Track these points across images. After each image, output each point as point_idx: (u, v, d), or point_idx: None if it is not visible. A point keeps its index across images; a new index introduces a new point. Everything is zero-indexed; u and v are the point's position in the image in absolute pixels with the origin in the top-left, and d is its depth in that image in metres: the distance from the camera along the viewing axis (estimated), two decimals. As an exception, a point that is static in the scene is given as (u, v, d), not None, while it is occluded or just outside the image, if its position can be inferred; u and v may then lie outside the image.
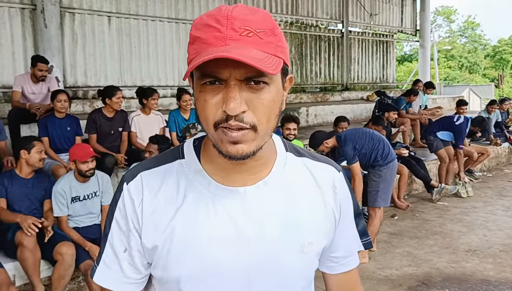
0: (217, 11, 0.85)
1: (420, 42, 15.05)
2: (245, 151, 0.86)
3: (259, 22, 0.84)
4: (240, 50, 0.80)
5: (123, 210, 0.98)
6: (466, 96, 17.02)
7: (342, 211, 1.07)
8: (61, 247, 3.85)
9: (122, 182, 1.00)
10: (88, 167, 4.21)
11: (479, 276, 4.53)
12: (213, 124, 0.85)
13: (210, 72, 0.83)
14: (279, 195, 0.99)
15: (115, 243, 0.99)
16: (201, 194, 0.96)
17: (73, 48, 7.97)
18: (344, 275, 1.14)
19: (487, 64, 45.41)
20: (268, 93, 0.86)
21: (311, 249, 1.01)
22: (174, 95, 9.36)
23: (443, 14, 49.77)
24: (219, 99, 0.84)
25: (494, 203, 7.13)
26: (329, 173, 1.07)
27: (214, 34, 0.83)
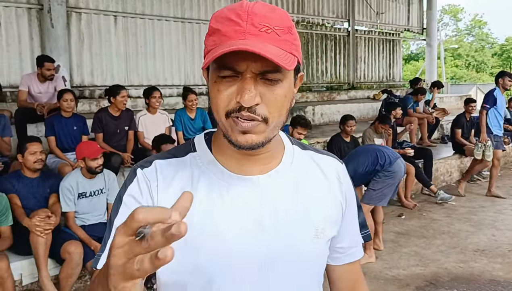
0: (239, 6, 0.87)
1: (427, 41, 14.97)
2: (254, 141, 0.89)
3: (278, 20, 0.87)
4: (259, 45, 0.83)
5: (135, 193, 0.97)
6: (474, 95, 16.90)
7: (348, 201, 1.10)
8: (69, 246, 3.86)
9: (135, 169, 1.01)
10: (98, 163, 4.26)
11: (488, 276, 4.50)
12: (225, 113, 0.88)
13: (227, 64, 0.85)
14: (290, 184, 1.02)
15: None
16: (215, 183, 0.98)
17: (79, 48, 7.99)
18: (348, 266, 1.16)
19: (495, 63, 45.10)
20: (281, 89, 0.89)
21: (324, 235, 1.04)
22: (180, 95, 9.34)
23: (450, 12, 49.52)
24: (234, 91, 0.87)
25: (503, 202, 7.07)
26: (334, 165, 1.11)
27: (234, 28, 0.85)
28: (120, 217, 0.96)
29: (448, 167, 8.36)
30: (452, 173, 8.45)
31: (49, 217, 3.87)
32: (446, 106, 11.87)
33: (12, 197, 4.05)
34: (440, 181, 8.04)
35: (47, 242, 3.83)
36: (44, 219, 3.84)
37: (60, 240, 3.92)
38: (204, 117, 6.41)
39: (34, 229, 3.78)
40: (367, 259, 4.82)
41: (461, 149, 8.53)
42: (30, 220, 3.83)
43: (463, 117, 8.58)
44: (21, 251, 4.00)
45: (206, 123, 6.39)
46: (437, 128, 10.06)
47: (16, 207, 4.01)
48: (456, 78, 39.78)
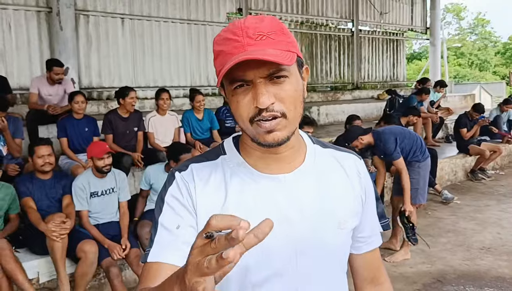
0: (232, 25, 0.99)
1: (431, 40, 15.02)
2: (280, 137, 0.99)
3: (268, 26, 0.98)
4: (258, 52, 0.93)
5: (176, 193, 1.08)
6: (477, 94, 16.93)
7: (367, 194, 1.21)
8: (84, 245, 3.94)
9: (173, 172, 1.11)
10: (105, 163, 4.33)
11: (494, 274, 4.57)
12: (249, 120, 0.99)
13: (237, 77, 0.97)
14: (313, 181, 1.12)
15: (168, 223, 1.05)
16: (246, 182, 1.08)
17: (87, 50, 8.09)
18: (369, 254, 1.26)
19: (498, 62, 44.97)
20: (290, 84, 0.99)
21: (346, 225, 1.14)
22: (186, 96, 9.43)
23: (453, 11, 49.40)
24: (250, 98, 0.98)
25: (507, 201, 7.13)
26: (353, 161, 1.22)
27: (233, 45, 0.96)
28: (164, 215, 1.07)
29: (453, 166, 8.42)
30: (457, 172, 8.51)
31: (64, 222, 3.93)
32: (450, 105, 11.93)
33: (27, 200, 4.13)
34: (445, 180, 8.10)
35: (63, 245, 3.90)
36: (60, 224, 3.90)
37: (76, 239, 4.00)
38: (212, 118, 6.49)
39: (50, 234, 3.84)
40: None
41: (465, 148, 8.59)
42: (46, 224, 3.88)
43: (465, 117, 8.64)
44: (38, 251, 4.08)
45: (213, 124, 6.47)
46: (442, 128, 10.12)
47: (31, 210, 4.07)
48: (459, 77, 39.70)
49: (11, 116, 5.22)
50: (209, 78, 9.93)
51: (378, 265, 1.30)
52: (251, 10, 10.48)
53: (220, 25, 9.99)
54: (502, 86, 22.84)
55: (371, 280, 1.29)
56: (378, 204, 1.27)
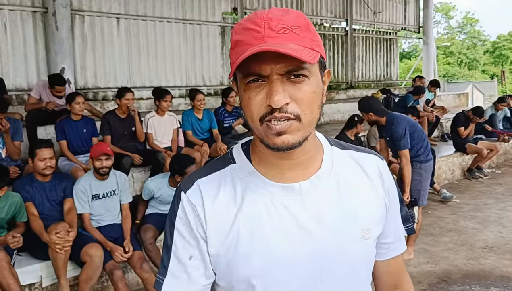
0: (255, 15, 0.91)
1: (424, 39, 15.08)
2: (290, 141, 0.90)
3: (293, 20, 0.90)
4: (278, 45, 0.85)
5: (184, 218, 1.01)
6: (470, 93, 17.03)
7: (391, 197, 1.11)
8: (89, 249, 3.88)
9: (179, 192, 1.03)
10: (102, 165, 4.26)
11: (499, 273, 4.57)
12: (259, 119, 0.90)
13: (252, 70, 0.88)
14: (332, 187, 1.03)
15: (180, 252, 1.01)
16: (259, 194, 0.99)
17: (83, 50, 8.01)
18: (392, 260, 1.17)
19: (487, 60, 45.38)
20: (309, 86, 0.90)
21: (370, 235, 1.05)
22: (182, 96, 9.43)
23: (442, 10, 49.74)
24: (263, 95, 0.89)
25: (506, 200, 7.17)
26: (375, 162, 1.11)
27: (253, 35, 0.88)
28: (176, 244, 1.02)
29: (450, 165, 8.44)
30: (454, 171, 8.54)
31: (68, 233, 3.83)
32: (444, 104, 11.98)
33: (28, 206, 4.02)
34: (442, 179, 8.12)
35: (66, 255, 3.83)
36: (63, 235, 3.80)
37: (80, 243, 3.93)
38: (211, 118, 6.44)
39: (53, 246, 3.76)
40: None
41: (462, 146, 8.63)
42: (49, 235, 3.78)
43: (464, 115, 8.68)
44: (40, 256, 4.00)
45: (213, 124, 6.43)
46: (437, 127, 10.16)
47: (33, 218, 3.97)
48: (449, 76, 39.98)
49: (11, 117, 5.14)
50: (204, 78, 9.89)
51: (402, 271, 1.21)
52: (246, 9, 10.45)
53: (215, 25, 9.95)
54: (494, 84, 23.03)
55: (394, 286, 1.21)
56: (402, 207, 1.17)
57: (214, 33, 9.98)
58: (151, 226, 4.55)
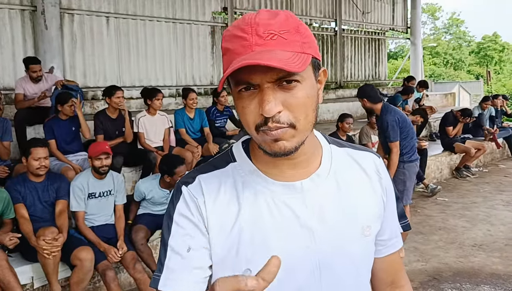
0: (242, 20, 0.90)
1: (411, 40, 15.19)
2: (287, 147, 0.90)
3: (282, 23, 0.88)
4: (265, 54, 0.84)
5: (185, 211, 0.99)
6: (457, 93, 17.21)
7: (388, 194, 1.12)
8: (80, 252, 3.82)
9: (179, 186, 1.02)
10: (102, 163, 4.25)
11: (488, 270, 4.63)
12: (255, 127, 0.90)
13: (242, 79, 0.87)
14: (332, 185, 1.03)
15: (178, 245, 0.98)
16: (260, 192, 0.99)
17: (72, 49, 7.95)
18: (390, 257, 1.17)
19: (472, 61, 45.84)
20: (301, 91, 0.89)
21: (370, 232, 1.06)
22: (172, 95, 9.40)
23: (428, 11, 50.14)
24: (256, 104, 0.88)
25: (494, 198, 7.26)
26: (372, 160, 1.12)
27: (241, 43, 0.87)
28: (173, 237, 0.98)
29: (439, 164, 8.53)
30: (443, 170, 8.63)
31: (56, 239, 3.76)
32: (431, 104, 12.07)
33: (19, 207, 3.95)
34: (431, 177, 8.20)
35: (55, 260, 3.78)
36: (52, 240, 3.74)
37: (71, 246, 3.87)
38: (203, 117, 6.44)
39: (41, 251, 3.71)
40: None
41: (450, 146, 8.72)
42: (37, 240, 3.72)
43: (452, 115, 8.78)
44: (30, 257, 3.95)
45: (203, 123, 6.42)
46: (425, 126, 10.24)
47: (23, 220, 3.90)
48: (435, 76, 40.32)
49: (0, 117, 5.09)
50: (194, 77, 9.87)
51: (399, 268, 1.21)
52: (236, 9, 10.45)
53: (205, 24, 9.93)
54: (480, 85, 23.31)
55: (391, 283, 1.20)
56: (398, 204, 1.17)
57: (204, 33, 9.96)
58: (143, 226, 4.54)
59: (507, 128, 10.44)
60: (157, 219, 4.59)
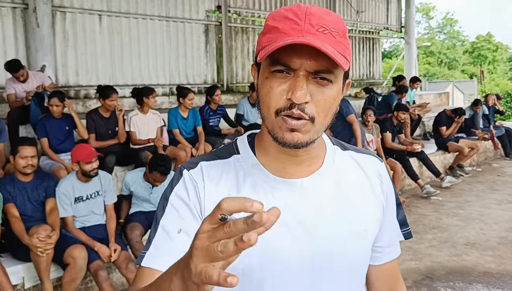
0: (296, 6, 0.90)
1: (406, 39, 15.21)
2: (300, 139, 0.90)
3: (334, 22, 0.90)
4: (317, 42, 0.84)
5: (182, 194, 0.99)
6: (450, 92, 17.27)
7: (388, 199, 1.11)
8: (73, 251, 3.79)
9: (180, 170, 1.02)
10: (92, 167, 4.21)
11: (481, 269, 4.64)
12: (275, 111, 0.90)
13: (283, 59, 0.87)
14: (333, 186, 1.03)
15: (169, 225, 0.96)
16: (260, 187, 0.99)
17: (64, 48, 7.88)
18: (387, 265, 1.15)
19: (466, 60, 46.04)
20: (331, 91, 0.90)
21: (368, 234, 1.05)
22: (166, 94, 9.35)
23: (422, 10, 50.29)
24: (285, 88, 0.89)
25: (487, 197, 7.28)
26: (374, 164, 1.12)
27: (292, 26, 0.88)
28: (166, 217, 0.98)
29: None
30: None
31: (50, 236, 3.73)
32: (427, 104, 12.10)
33: (9, 207, 3.89)
34: (425, 176, 8.21)
35: (48, 258, 3.75)
36: (45, 238, 3.71)
37: (63, 245, 3.84)
38: (196, 117, 6.41)
39: (35, 250, 3.68)
40: None
41: (444, 145, 8.75)
42: (30, 238, 3.68)
43: (445, 115, 8.80)
44: (22, 257, 3.92)
45: (197, 122, 6.40)
46: (419, 125, 10.27)
47: (14, 220, 3.84)
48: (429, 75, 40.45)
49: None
50: (188, 76, 9.82)
51: (396, 277, 1.19)
52: (230, 7, 10.41)
53: (199, 23, 9.89)
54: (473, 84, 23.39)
55: None
56: (399, 211, 1.16)
57: (198, 31, 9.92)
58: (138, 224, 4.51)
59: (500, 127, 10.49)
60: (150, 217, 4.57)
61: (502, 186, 7.96)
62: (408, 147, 7.57)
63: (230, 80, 10.45)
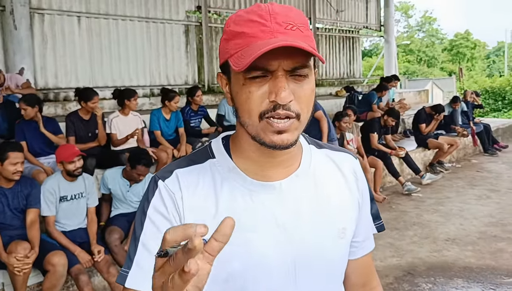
0: (257, 7, 0.89)
1: (385, 38, 15.35)
2: (290, 140, 0.90)
3: (298, 17, 0.90)
4: (292, 41, 0.84)
5: (160, 208, 0.96)
6: (430, 90, 17.47)
7: (363, 196, 1.12)
8: (52, 257, 3.73)
9: (155, 180, 0.99)
10: (76, 166, 4.17)
11: (461, 264, 4.71)
12: (259, 115, 0.88)
13: (259, 64, 0.86)
14: (310, 186, 1.03)
15: (150, 243, 0.95)
16: (238, 191, 0.97)
17: (43, 50, 7.77)
18: (362, 259, 1.17)
19: (445, 58, 46.65)
20: (308, 84, 0.90)
21: (345, 234, 1.06)
22: (146, 95, 9.29)
23: (401, 9, 50.80)
24: (265, 90, 0.87)
25: (466, 193, 7.39)
26: (349, 161, 1.12)
27: (260, 28, 0.86)
28: (145, 233, 0.96)
29: (413, 160, 8.63)
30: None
31: (28, 256, 3.66)
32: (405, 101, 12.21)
33: None
34: (405, 173, 8.30)
35: (25, 275, 3.68)
36: (23, 258, 3.63)
37: (43, 251, 3.78)
38: (178, 118, 6.39)
39: (12, 268, 3.60)
40: None
41: (424, 142, 8.86)
42: (8, 257, 3.60)
43: (424, 112, 8.91)
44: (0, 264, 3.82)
45: (179, 123, 6.38)
46: (399, 123, 10.36)
47: None
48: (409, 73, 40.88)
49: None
50: (169, 77, 9.77)
51: (371, 270, 1.22)
52: (210, 8, 10.39)
53: (179, 23, 9.85)
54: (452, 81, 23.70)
55: (363, 285, 1.20)
56: (372, 205, 1.18)
57: (178, 32, 9.87)
58: (116, 228, 4.48)
59: (479, 124, 10.67)
60: (130, 219, 4.55)
61: (481, 182, 8.08)
62: (392, 152, 7.68)
63: (211, 81, 10.42)
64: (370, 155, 7.43)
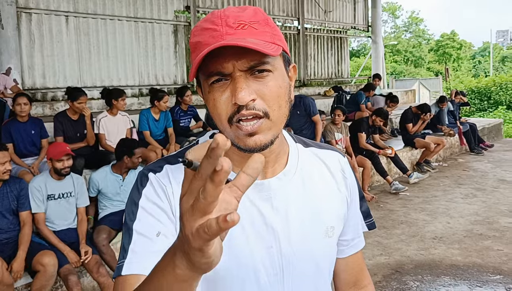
0: (211, 15, 0.90)
1: (372, 38, 15.45)
2: (263, 141, 0.88)
3: (251, 15, 0.89)
4: (237, 40, 0.84)
5: (152, 196, 0.95)
6: (417, 89, 17.62)
7: (352, 194, 1.12)
8: (42, 257, 3.72)
9: (145, 173, 0.98)
10: (64, 165, 4.17)
11: (448, 262, 4.77)
12: (227, 119, 0.88)
13: (213, 69, 0.86)
14: (298, 185, 1.02)
15: (146, 230, 0.92)
16: None
17: (30, 50, 7.72)
18: (352, 257, 1.17)
19: (431, 58, 47.07)
20: (273, 80, 0.88)
21: (333, 232, 1.06)
22: (135, 95, 9.27)
23: (389, 10, 51.15)
24: (228, 95, 0.87)
25: (453, 191, 7.48)
26: (337, 159, 1.12)
27: (211, 34, 0.86)
28: (140, 221, 0.93)
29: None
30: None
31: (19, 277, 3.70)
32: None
33: None
34: (393, 173, 8.37)
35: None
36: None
37: (32, 251, 3.77)
38: (168, 118, 6.39)
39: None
40: None
41: (411, 141, 8.94)
42: None
43: (411, 112, 9.00)
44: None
45: (168, 123, 6.38)
46: (387, 122, 10.44)
47: None
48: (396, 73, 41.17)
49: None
50: (157, 77, 9.75)
51: (361, 268, 1.21)
52: (199, 8, 10.38)
53: (167, 23, 9.83)
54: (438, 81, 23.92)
55: (354, 283, 1.20)
56: (362, 203, 1.18)
57: (167, 32, 9.86)
58: (105, 227, 4.48)
59: (465, 123, 10.79)
60: (120, 217, 4.55)
61: (468, 180, 8.18)
62: (379, 151, 7.76)
63: (200, 81, 10.40)
64: (358, 154, 7.49)
